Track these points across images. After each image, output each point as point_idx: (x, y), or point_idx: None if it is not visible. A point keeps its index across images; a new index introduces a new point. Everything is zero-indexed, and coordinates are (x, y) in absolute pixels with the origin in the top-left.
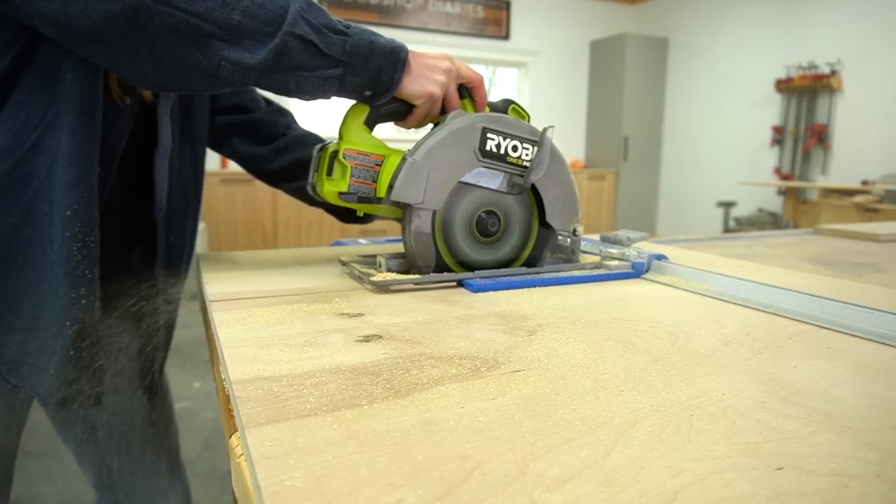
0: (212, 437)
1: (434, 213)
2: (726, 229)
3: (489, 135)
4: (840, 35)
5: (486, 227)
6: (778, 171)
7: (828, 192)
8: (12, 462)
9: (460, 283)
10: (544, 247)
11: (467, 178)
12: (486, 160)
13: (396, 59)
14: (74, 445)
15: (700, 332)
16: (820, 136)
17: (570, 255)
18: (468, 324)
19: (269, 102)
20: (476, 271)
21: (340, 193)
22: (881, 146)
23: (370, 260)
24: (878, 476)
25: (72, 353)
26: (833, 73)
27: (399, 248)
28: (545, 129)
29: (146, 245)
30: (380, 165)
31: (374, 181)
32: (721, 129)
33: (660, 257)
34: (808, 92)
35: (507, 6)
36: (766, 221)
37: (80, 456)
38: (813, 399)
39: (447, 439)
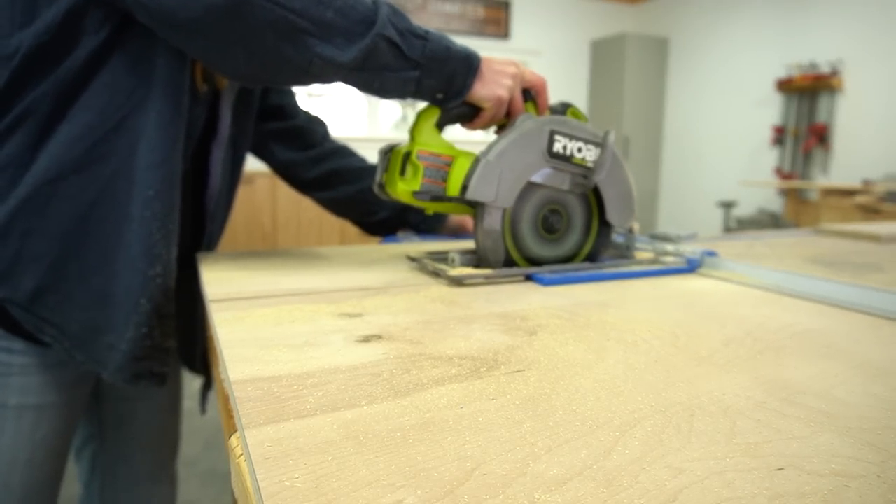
0: (212, 437)
1: (504, 210)
2: (727, 229)
3: (556, 137)
4: (840, 35)
5: (552, 224)
6: (778, 170)
7: (828, 192)
8: (69, 440)
9: (528, 277)
10: (603, 243)
11: (535, 178)
12: (554, 161)
13: (470, 64)
14: (82, 433)
15: (700, 332)
16: (821, 136)
17: (624, 252)
18: (468, 324)
19: (306, 112)
20: (542, 266)
21: (414, 193)
22: (882, 146)
23: (439, 256)
24: (879, 476)
25: (144, 330)
26: (834, 72)
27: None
28: (607, 133)
29: (193, 231)
30: (449, 166)
31: (444, 181)
32: (721, 129)
33: (711, 253)
34: (808, 92)
35: (507, 6)
36: (767, 221)
37: (83, 447)
38: (813, 399)
39: (447, 439)
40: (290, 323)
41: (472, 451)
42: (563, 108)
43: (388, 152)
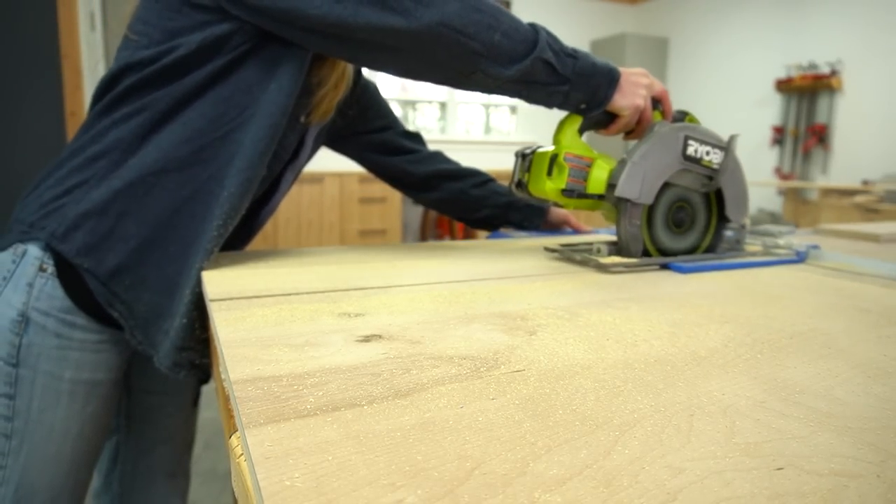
0: (212, 437)
1: (643, 206)
2: None
3: (689, 141)
4: (840, 35)
5: (680, 219)
6: (778, 171)
7: (828, 192)
8: (112, 418)
9: (664, 267)
10: (720, 237)
11: (669, 178)
12: (686, 163)
13: (612, 78)
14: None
15: (700, 331)
16: (820, 136)
17: (734, 245)
18: (468, 324)
19: (402, 125)
20: (676, 257)
21: (562, 191)
22: (881, 146)
23: (577, 248)
24: (879, 476)
25: (185, 321)
26: (833, 73)
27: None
28: (732, 138)
29: (236, 239)
30: (589, 167)
31: (585, 180)
32: (721, 129)
33: (815, 247)
34: (808, 92)
35: (507, 6)
36: (767, 221)
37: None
38: (813, 399)
39: (447, 439)
40: (290, 323)
41: (472, 450)
42: (682, 116)
43: (530, 155)
